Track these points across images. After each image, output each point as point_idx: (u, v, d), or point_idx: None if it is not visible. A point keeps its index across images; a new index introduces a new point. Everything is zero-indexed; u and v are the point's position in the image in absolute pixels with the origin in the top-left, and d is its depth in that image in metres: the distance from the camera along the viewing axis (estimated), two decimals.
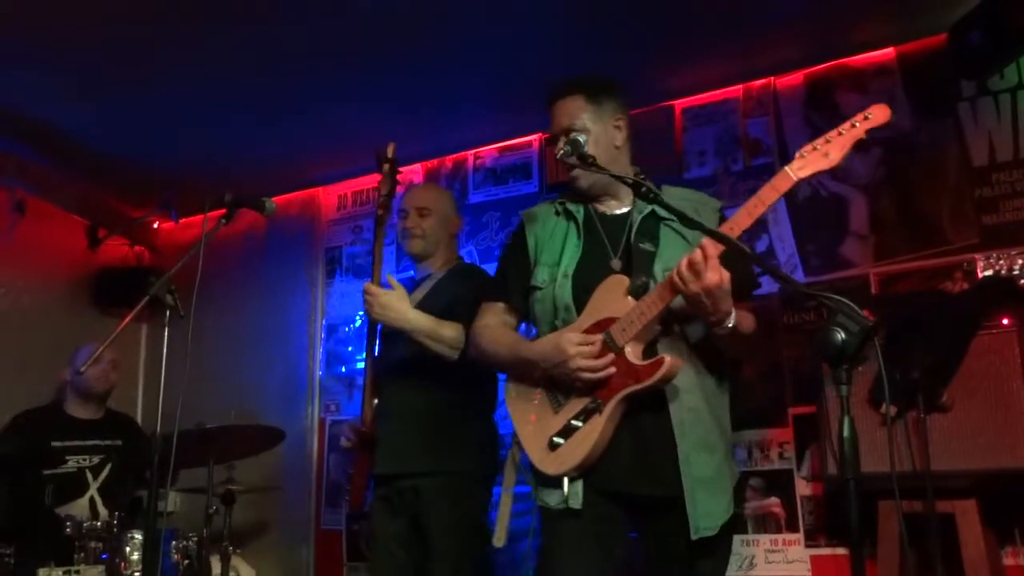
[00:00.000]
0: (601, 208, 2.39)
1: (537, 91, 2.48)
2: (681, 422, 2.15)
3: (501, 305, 2.46)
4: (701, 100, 4.00)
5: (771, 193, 2.00)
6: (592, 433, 2.15)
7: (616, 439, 2.17)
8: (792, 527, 3.48)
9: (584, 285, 2.26)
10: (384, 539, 2.86)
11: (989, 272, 3.28)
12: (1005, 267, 3.26)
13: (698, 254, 1.99)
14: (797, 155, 2.01)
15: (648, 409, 2.16)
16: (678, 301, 2.09)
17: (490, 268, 2.95)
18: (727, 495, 2.22)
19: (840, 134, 1.97)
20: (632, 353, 2.15)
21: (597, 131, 2.33)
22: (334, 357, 4.70)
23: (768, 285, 3.63)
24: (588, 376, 2.15)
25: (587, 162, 2.13)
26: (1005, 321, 2.84)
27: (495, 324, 2.45)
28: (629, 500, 2.21)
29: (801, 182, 2.00)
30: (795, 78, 3.80)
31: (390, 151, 2.83)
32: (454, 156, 4.57)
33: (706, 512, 2.14)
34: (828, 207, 3.64)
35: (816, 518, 3.44)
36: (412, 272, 3.16)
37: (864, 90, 3.64)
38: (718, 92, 3.95)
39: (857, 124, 1.96)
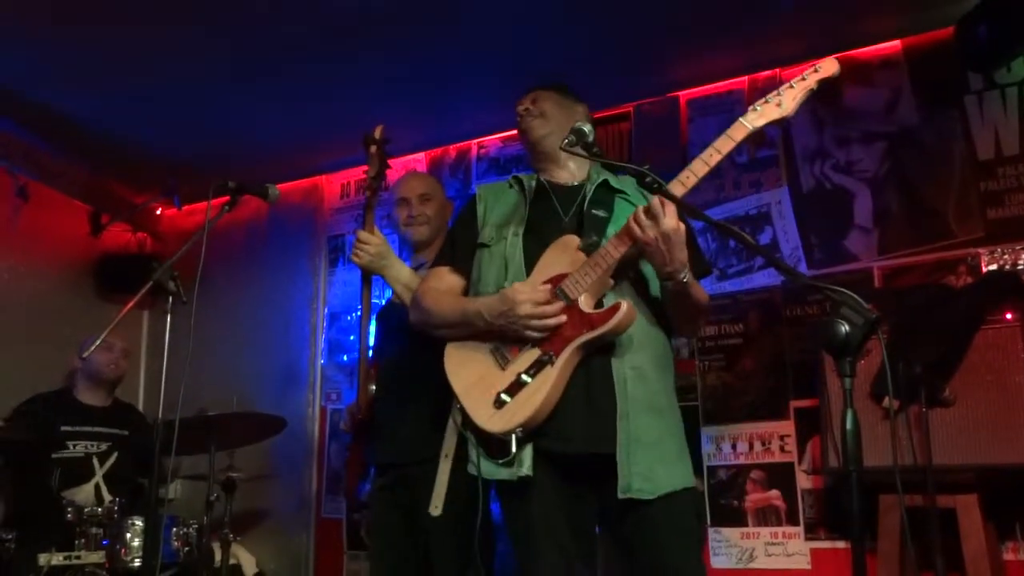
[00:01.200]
0: (553, 179, 2.39)
1: (541, 81, 2.50)
2: (624, 379, 2.10)
3: (446, 268, 2.40)
4: (706, 91, 3.98)
5: (727, 142, 2.05)
6: (543, 387, 2.06)
7: (564, 398, 2.08)
8: (792, 520, 3.48)
9: (535, 245, 2.24)
10: (384, 527, 2.85)
11: (993, 266, 3.28)
12: (1010, 261, 3.25)
13: (655, 200, 2.00)
14: (750, 108, 2.09)
15: (595, 367, 2.11)
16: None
17: None
18: (679, 463, 2.14)
19: (791, 87, 2.09)
20: (585, 303, 2.10)
21: (558, 99, 2.41)
22: (336, 346, 4.70)
23: (770, 277, 3.64)
24: (536, 323, 2.08)
25: (592, 151, 2.12)
26: (1009, 316, 2.84)
27: (440, 287, 2.39)
28: (581, 463, 2.11)
29: (756, 131, 2.06)
30: (801, 70, 3.76)
31: (377, 133, 2.78)
32: (458, 145, 4.57)
33: (643, 474, 2.04)
34: (833, 200, 3.63)
35: (816, 511, 3.45)
36: (408, 263, 3.15)
37: (870, 83, 3.63)
38: (723, 83, 3.94)
39: (807, 77, 2.10)
